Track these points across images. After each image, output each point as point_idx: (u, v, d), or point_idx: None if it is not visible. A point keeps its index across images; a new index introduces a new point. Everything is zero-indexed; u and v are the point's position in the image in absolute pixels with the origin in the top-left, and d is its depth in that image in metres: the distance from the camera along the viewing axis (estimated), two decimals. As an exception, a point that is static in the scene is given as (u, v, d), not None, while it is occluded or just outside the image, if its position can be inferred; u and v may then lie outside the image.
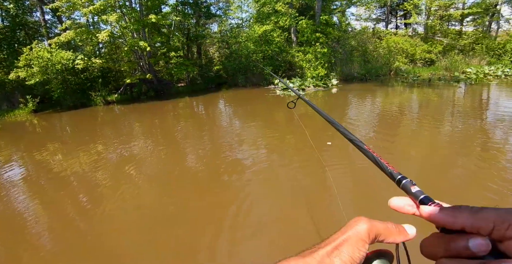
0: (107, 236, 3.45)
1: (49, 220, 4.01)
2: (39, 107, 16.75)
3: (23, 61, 15.25)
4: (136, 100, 16.84)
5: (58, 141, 9.53)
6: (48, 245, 3.40)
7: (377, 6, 27.44)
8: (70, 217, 4.03)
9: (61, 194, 4.91)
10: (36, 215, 4.17)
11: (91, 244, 3.32)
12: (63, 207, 4.35)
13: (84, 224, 3.79)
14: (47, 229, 3.76)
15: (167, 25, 19.28)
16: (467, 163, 4.55)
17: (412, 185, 0.43)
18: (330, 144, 5.86)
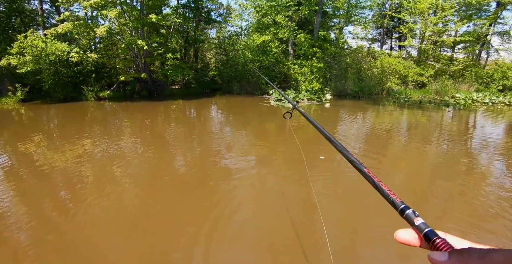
0: (86, 234, 3.38)
1: (26, 214, 3.90)
2: (28, 97, 16.39)
3: (16, 48, 14.97)
4: (129, 99, 16.67)
5: (44, 133, 9.33)
6: (22, 240, 3.30)
7: (373, 26, 28.19)
8: (48, 212, 3.94)
9: (41, 188, 4.80)
10: (13, 208, 4.05)
11: (69, 242, 3.24)
12: (42, 202, 4.25)
13: (63, 220, 3.71)
14: (23, 223, 3.65)
15: (166, 26, 19.31)
16: (450, 185, 4.66)
17: (416, 217, 0.43)
18: (323, 158, 5.91)
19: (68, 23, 15.66)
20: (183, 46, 20.35)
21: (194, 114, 13.01)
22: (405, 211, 0.44)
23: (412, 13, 21.80)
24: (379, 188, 0.51)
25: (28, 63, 15.03)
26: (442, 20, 21.07)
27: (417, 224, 0.42)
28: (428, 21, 21.03)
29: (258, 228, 3.45)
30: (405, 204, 0.45)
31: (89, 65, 17.44)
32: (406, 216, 0.43)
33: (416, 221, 0.42)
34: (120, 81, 17.15)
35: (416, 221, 0.42)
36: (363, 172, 0.56)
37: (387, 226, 3.30)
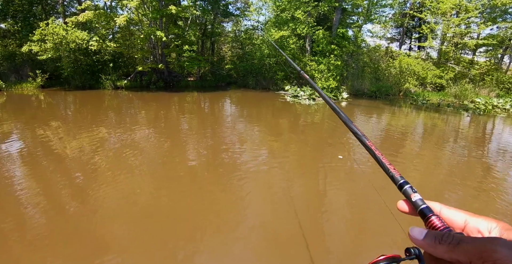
0: (98, 222, 3.42)
1: (40, 199, 3.98)
2: (47, 84, 16.71)
3: (38, 35, 15.20)
4: (145, 89, 16.82)
5: (61, 119, 9.53)
6: (36, 225, 3.35)
7: (393, 25, 27.66)
8: (60, 197, 4.02)
9: (56, 173, 4.90)
10: (28, 193, 4.13)
11: (77, 227, 3.29)
12: (57, 187, 4.33)
13: (74, 206, 3.78)
14: (37, 208, 3.72)
15: (184, 18, 19.33)
16: (464, 191, 4.57)
17: (413, 193, 0.44)
18: (342, 157, 5.86)
19: (89, 12, 15.81)
20: (200, 38, 20.35)
21: (209, 106, 13.06)
22: (403, 186, 0.45)
23: (434, 13, 21.27)
24: (379, 162, 0.51)
25: (49, 50, 15.28)
26: (465, 21, 20.52)
27: (414, 200, 0.42)
28: (451, 22, 20.51)
29: (266, 226, 3.45)
30: (404, 179, 0.46)
31: (107, 54, 17.62)
32: (404, 191, 0.44)
33: (413, 197, 0.43)
34: (137, 71, 17.31)
35: (413, 197, 0.43)
36: (365, 145, 0.55)
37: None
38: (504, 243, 0.31)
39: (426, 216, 0.40)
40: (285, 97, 15.00)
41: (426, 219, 0.40)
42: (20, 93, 15.00)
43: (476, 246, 0.32)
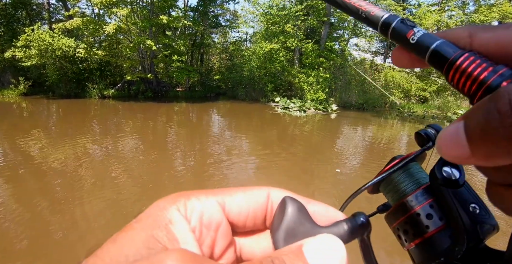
0: (80, 235, 3.35)
1: (19, 209, 3.87)
2: (30, 91, 16.16)
3: (23, 41, 14.77)
4: (133, 99, 16.54)
5: (44, 128, 9.23)
6: (14, 235, 3.28)
7: (377, 39, 28.56)
8: (43, 209, 3.90)
9: (36, 184, 4.76)
10: (6, 204, 4.03)
11: (63, 239, 3.22)
12: (37, 199, 4.19)
13: (57, 218, 3.68)
14: (16, 219, 3.63)
15: (173, 28, 19.29)
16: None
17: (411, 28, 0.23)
18: (339, 171, 5.88)
19: (77, 19, 15.54)
20: (190, 49, 20.32)
21: (197, 118, 12.96)
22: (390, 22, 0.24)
23: (416, 29, 22.14)
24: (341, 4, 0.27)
25: (34, 56, 14.85)
26: (446, 38, 21.42)
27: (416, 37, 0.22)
28: (433, 38, 21.37)
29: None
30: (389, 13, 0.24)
31: (94, 62, 17.30)
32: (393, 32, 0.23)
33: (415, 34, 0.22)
34: (125, 80, 17.03)
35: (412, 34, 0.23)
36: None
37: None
38: None
39: (447, 59, 0.20)
40: (275, 108, 15.07)
41: (450, 67, 0.20)
42: (0, 101, 14.43)
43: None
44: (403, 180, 0.29)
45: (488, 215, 0.25)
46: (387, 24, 0.24)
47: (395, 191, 0.29)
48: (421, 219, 0.26)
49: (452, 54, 0.20)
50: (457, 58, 0.19)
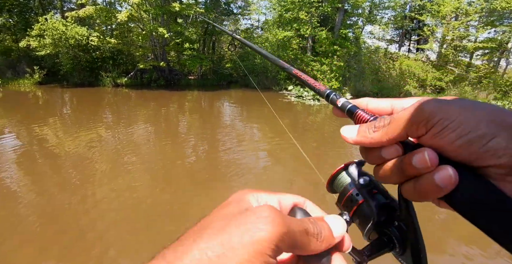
0: (93, 220, 3.43)
1: (35, 197, 3.95)
2: (45, 80, 16.31)
3: (37, 30, 14.81)
4: (145, 87, 16.57)
5: (59, 116, 9.32)
6: (30, 223, 3.33)
7: (393, 27, 27.81)
8: (57, 197, 3.97)
9: (51, 172, 4.84)
10: (22, 190, 4.12)
11: (75, 228, 3.26)
12: (52, 186, 4.28)
13: (71, 206, 3.73)
14: (30, 206, 3.69)
15: (184, 15, 19.08)
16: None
17: (338, 98, 0.44)
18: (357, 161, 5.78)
19: (90, 7, 15.49)
20: (202, 37, 20.13)
21: (209, 106, 12.93)
22: (330, 95, 0.46)
23: (434, 16, 21.43)
24: (306, 83, 0.54)
25: (48, 46, 14.91)
26: (465, 25, 20.72)
27: (340, 104, 0.43)
28: (451, 26, 20.68)
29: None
30: (330, 89, 0.47)
31: (106, 51, 17.30)
32: (331, 100, 0.45)
33: (339, 102, 0.43)
34: (138, 69, 17.03)
35: (339, 102, 0.43)
36: (292, 74, 0.60)
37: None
38: (430, 99, 0.31)
39: (353, 113, 0.40)
40: (288, 97, 14.91)
41: (354, 116, 0.40)
42: (17, 90, 14.63)
43: (407, 113, 0.31)
44: (344, 178, 0.43)
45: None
46: (328, 95, 0.46)
47: (340, 185, 0.43)
48: (353, 197, 0.41)
49: (355, 110, 0.40)
50: (356, 112, 0.39)
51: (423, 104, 0.30)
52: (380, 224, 0.39)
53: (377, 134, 0.33)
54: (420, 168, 0.29)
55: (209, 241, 0.25)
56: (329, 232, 0.32)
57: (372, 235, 0.41)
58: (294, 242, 0.27)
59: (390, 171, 0.33)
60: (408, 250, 0.37)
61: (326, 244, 0.31)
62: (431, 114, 0.29)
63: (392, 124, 0.32)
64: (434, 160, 0.29)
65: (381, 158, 0.34)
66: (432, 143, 0.30)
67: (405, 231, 0.37)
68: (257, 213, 0.27)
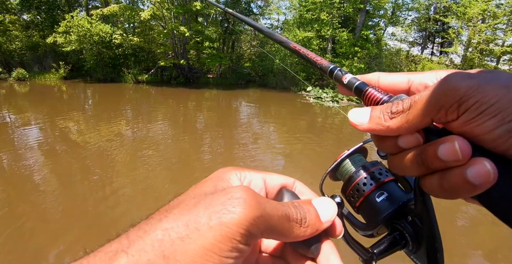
0: (108, 206, 3.58)
1: (57, 187, 4.10)
2: (69, 75, 16.82)
3: (63, 27, 15.28)
4: (165, 84, 16.82)
5: (82, 110, 9.59)
6: (52, 213, 3.48)
7: (416, 29, 27.18)
8: (79, 187, 4.12)
9: (74, 162, 5.00)
10: (45, 181, 4.29)
11: (95, 219, 3.37)
12: (74, 177, 4.44)
13: (92, 197, 3.88)
14: (53, 196, 3.83)
15: (205, 14, 19.24)
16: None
17: (344, 74, 0.39)
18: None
19: (114, 5, 15.85)
20: (222, 36, 20.26)
21: (228, 105, 12.99)
22: (334, 71, 0.41)
23: (460, 18, 20.80)
24: (306, 58, 0.48)
25: (73, 42, 15.36)
26: (492, 28, 20.02)
27: (346, 81, 0.38)
28: (477, 28, 20.03)
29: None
30: (333, 65, 0.42)
31: (128, 48, 17.67)
32: (335, 76, 0.40)
33: (345, 79, 0.38)
34: (158, 66, 17.31)
35: (344, 78, 0.38)
36: (290, 48, 0.54)
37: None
38: (458, 74, 0.25)
39: (362, 91, 0.35)
40: (307, 98, 14.81)
41: (363, 95, 0.34)
42: (43, 84, 15.15)
43: (433, 94, 0.25)
44: (349, 165, 0.40)
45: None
46: (332, 72, 0.41)
47: (345, 173, 0.40)
48: (360, 186, 0.37)
49: (364, 88, 0.35)
50: (366, 91, 0.34)
51: (454, 82, 0.24)
52: (391, 218, 0.36)
53: (395, 121, 0.28)
54: (448, 160, 0.24)
55: (174, 221, 0.23)
56: (315, 217, 0.29)
57: (381, 230, 0.38)
58: (271, 227, 0.25)
59: (408, 163, 0.28)
60: (423, 249, 0.33)
61: (312, 230, 0.28)
62: (465, 95, 0.23)
63: (413, 109, 0.26)
64: (467, 152, 0.23)
65: (398, 147, 0.29)
66: (464, 130, 0.24)
67: (420, 227, 0.33)
68: (229, 193, 0.24)
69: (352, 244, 0.35)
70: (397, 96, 0.31)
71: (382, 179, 0.37)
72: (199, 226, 0.22)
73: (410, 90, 0.34)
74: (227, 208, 0.23)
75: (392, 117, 0.28)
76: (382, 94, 0.33)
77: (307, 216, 0.28)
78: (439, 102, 0.24)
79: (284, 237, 0.27)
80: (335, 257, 0.29)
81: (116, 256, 0.21)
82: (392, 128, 0.28)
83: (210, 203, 0.24)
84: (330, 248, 0.30)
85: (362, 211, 0.38)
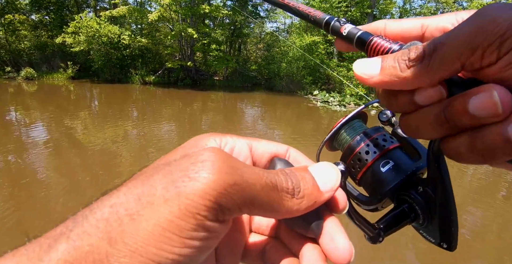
0: None
1: (61, 186, 4.11)
2: (77, 75, 16.92)
3: (72, 28, 15.38)
4: (172, 85, 16.86)
5: (88, 110, 9.66)
6: (55, 211, 3.50)
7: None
8: (83, 186, 4.16)
9: (78, 162, 5.05)
10: (49, 178, 4.34)
11: None
12: (78, 176, 4.47)
13: (93, 190, 3.91)
14: (57, 193, 3.87)
15: (212, 17, 19.32)
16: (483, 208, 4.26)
17: (342, 25, 0.32)
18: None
19: (123, 7, 15.97)
20: (229, 39, 20.33)
21: (234, 107, 13.00)
22: (330, 22, 0.34)
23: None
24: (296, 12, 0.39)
25: (82, 42, 15.45)
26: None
27: (345, 32, 0.32)
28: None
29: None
30: (329, 15, 0.35)
31: (136, 49, 17.76)
32: (332, 28, 0.33)
33: (344, 30, 0.32)
34: (165, 67, 17.38)
35: (343, 29, 0.32)
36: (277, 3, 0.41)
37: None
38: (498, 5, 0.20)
39: (365, 42, 0.29)
40: (313, 102, 14.80)
41: (367, 47, 0.29)
42: (51, 83, 15.26)
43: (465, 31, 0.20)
44: (348, 132, 0.37)
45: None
46: (328, 23, 0.34)
47: (344, 141, 0.37)
48: (362, 155, 0.34)
49: (368, 38, 0.29)
50: (370, 40, 0.29)
51: (493, 13, 0.19)
52: (399, 190, 0.32)
53: (414, 70, 0.22)
54: (483, 116, 0.20)
55: (125, 195, 0.19)
56: (312, 185, 0.23)
57: (386, 204, 0.34)
58: (252, 199, 0.19)
59: (427, 123, 0.23)
60: (436, 222, 0.29)
61: (308, 202, 0.22)
62: (509, 29, 0.18)
63: (439, 52, 0.21)
64: (508, 103, 0.19)
65: (414, 104, 0.24)
66: (503, 76, 0.20)
67: (433, 198, 0.29)
68: (194, 156, 0.20)
69: (357, 220, 0.30)
70: (411, 43, 0.25)
71: (387, 146, 0.34)
72: (153, 199, 0.18)
73: (425, 36, 0.29)
74: (189, 174, 0.18)
75: (411, 65, 0.22)
76: (391, 43, 0.28)
77: (301, 185, 0.22)
78: (475, 40, 0.19)
79: (273, 212, 0.21)
80: (341, 236, 0.24)
81: (56, 242, 0.17)
82: (410, 79, 0.22)
83: (170, 170, 0.19)
84: (334, 225, 0.24)
85: (364, 183, 0.35)
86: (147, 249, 0.16)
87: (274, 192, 0.20)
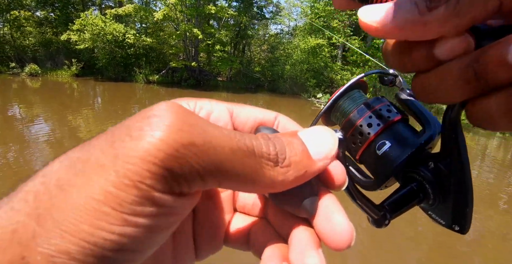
0: None
1: None
2: (81, 73, 16.91)
3: (78, 25, 15.39)
4: (176, 85, 16.86)
5: (92, 108, 9.64)
6: None
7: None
8: None
9: None
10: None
11: None
12: None
13: None
14: None
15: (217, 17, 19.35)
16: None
17: None
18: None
19: (130, 5, 16.00)
20: (234, 40, 20.36)
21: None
22: None
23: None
24: None
25: (87, 40, 15.46)
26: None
27: None
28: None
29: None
30: None
31: (140, 48, 17.77)
32: None
33: None
34: (169, 67, 17.39)
35: None
36: None
37: None
38: None
39: None
40: (317, 105, 14.80)
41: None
42: (55, 80, 15.24)
43: None
44: (348, 104, 0.33)
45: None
46: None
47: (342, 114, 0.33)
48: (364, 128, 0.31)
49: None
50: None
51: None
52: (406, 167, 0.28)
53: (437, 12, 0.17)
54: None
55: (61, 162, 0.16)
56: (302, 151, 0.19)
57: (390, 183, 0.30)
58: (218, 166, 0.15)
59: (450, 81, 0.18)
60: (448, 202, 0.26)
61: (297, 172, 0.18)
62: None
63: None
64: None
65: (433, 59, 0.19)
66: None
67: (447, 174, 0.25)
68: (142, 113, 0.16)
69: (358, 199, 0.26)
70: None
71: (392, 118, 0.30)
72: (87, 166, 0.14)
73: None
74: (131, 133, 0.15)
75: (432, 7, 0.17)
76: None
77: (287, 150, 0.18)
78: None
79: (251, 184, 0.17)
80: (339, 215, 0.19)
81: None
82: (431, 25, 0.17)
83: (114, 131, 0.16)
84: (331, 203, 0.20)
85: (366, 160, 0.31)
86: (80, 227, 0.13)
87: (251, 158, 0.16)
